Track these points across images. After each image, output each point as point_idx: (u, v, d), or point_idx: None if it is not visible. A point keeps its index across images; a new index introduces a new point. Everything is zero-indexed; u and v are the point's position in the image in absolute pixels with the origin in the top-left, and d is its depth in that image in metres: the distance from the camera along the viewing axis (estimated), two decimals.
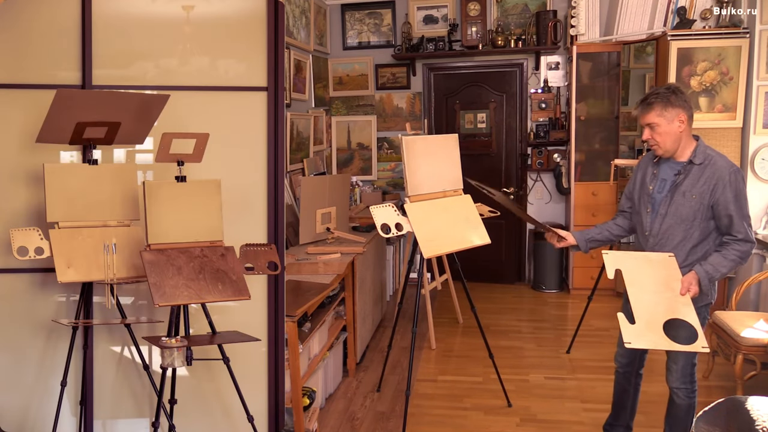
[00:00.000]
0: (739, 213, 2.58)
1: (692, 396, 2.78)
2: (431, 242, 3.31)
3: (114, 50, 2.88)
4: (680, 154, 2.66)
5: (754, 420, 2.19)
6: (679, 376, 2.76)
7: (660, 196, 2.71)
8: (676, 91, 2.61)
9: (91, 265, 2.53)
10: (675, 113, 2.59)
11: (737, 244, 2.58)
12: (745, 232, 2.58)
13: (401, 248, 6.02)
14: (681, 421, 2.82)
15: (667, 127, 2.60)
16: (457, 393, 3.86)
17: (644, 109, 2.63)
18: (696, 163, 2.62)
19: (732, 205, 2.57)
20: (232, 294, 2.52)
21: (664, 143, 2.63)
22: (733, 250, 2.58)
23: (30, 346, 2.87)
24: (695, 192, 2.61)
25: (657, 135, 2.62)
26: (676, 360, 2.75)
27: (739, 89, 4.87)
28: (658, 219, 2.71)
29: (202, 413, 2.99)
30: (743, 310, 4.17)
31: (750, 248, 2.59)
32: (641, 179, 2.82)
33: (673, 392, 2.81)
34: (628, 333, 2.55)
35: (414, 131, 3.74)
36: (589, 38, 5.61)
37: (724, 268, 2.58)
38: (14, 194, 2.80)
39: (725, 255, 2.59)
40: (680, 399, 2.78)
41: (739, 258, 2.59)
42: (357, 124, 6.41)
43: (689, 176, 2.63)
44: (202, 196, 2.60)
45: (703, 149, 2.64)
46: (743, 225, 2.58)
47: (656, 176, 2.74)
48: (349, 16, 6.30)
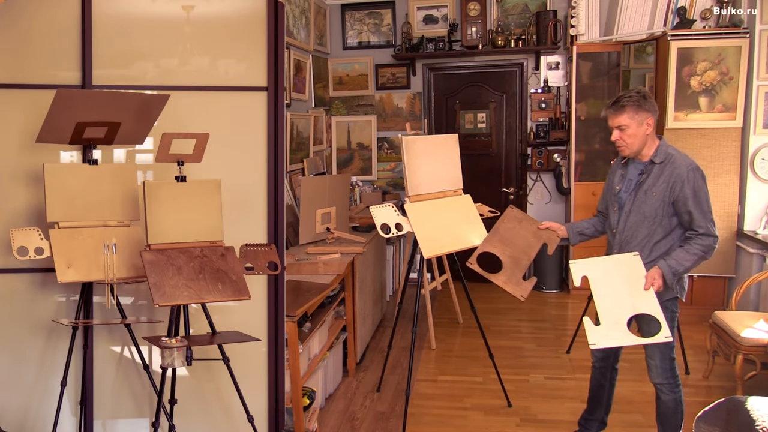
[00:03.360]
0: (699, 209, 2.67)
1: (676, 390, 2.85)
2: (431, 242, 3.31)
3: (114, 50, 2.88)
4: (645, 155, 2.78)
5: (754, 420, 2.19)
6: (659, 372, 2.83)
7: (626, 195, 2.83)
8: (646, 96, 2.73)
9: (91, 265, 2.53)
10: (644, 116, 2.70)
11: (699, 239, 2.67)
12: (706, 227, 2.67)
13: (401, 248, 6.02)
14: (671, 417, 2.90)
15: (637, 129, 2.71)
16: (457, 393, 3.86)
17: (616, 110, 2.72)
18: (656, 163, 2.74)
19: (691, 201, 2.66)
20: (232, 294, 2.52)
21: (632, 144, 2.74)
22: (696, 245, 2.67)
23: (30, 346, 2.87)
24: (656, 190, 2.71)
25: (626, 137, 2.73)
26: (652, 356, 2.84)
27: (739, 89, 4.87)
28: (623, 217, 2.82)
29: (202, 413, 2.99)
30: (743, 310, 4.17)
31: (713, 242, 2.67)
32: (611, 180, 2.95)
33: (657, 389, 2.89)
34: (593, 335, 2.68)
35: (414, 131, 3.75)
36: (589, 38, 5.61)
37: (688, 262, 2.67)
38: (14, 194, 2.80)
39: (688, 250, 2.68)
40: (665, 395, 2.86)
41: (702, 252, 2.67)
42: (357, 124, 6.41)
43: (651, 175, 2.74)
44: (202, 196, 2.60)
45: (665, 149, 2.75)
46: (704, 220, 2.67)
47: (624, 177, 2.86)
48: (349, 16, 6.30)
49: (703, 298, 5.13)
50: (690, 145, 5.00)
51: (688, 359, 4.12)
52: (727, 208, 4.98)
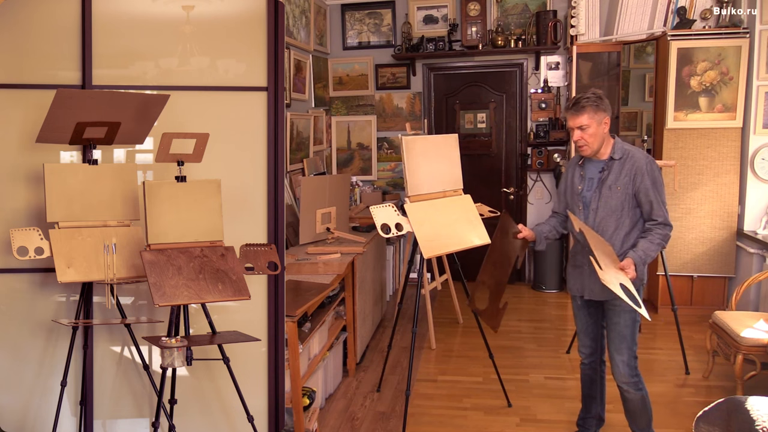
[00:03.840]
0: (658, 198, 2.81)
1: (641, 387, 2.93)
2: (431, 242, 3.31)
3: (114, 50, 2.88)
4: (602, 153, 2.88)
5: (754, 420, 2.19)
6: (626, 370, 2.89)
7: (589, 193, 2.91)
8: (602, 97, 2.84)
9: (91, 265, 2.53)
10: (602, 116, 2.81)
11: (659, 228, 2.81)
12: (664, 216, 2.82)
13: (401, 248, 6.02)
14: (640, 414, 2.97)
15: (597, 128, 2.81)
16: (457, 393, 3.86)
17: (577, 111, 2.81)
18: (616, 159, 2.85)
19: (651, 191, 2.80)
20: (232, 294, 2.52)
21: (593, 144, 2.83)
22: (657, 235, 2.80)
23: (30, 346, 2.87)
24: (619, 184, 2.83)
25: (587, 136, 2.82)
26: (620, 351, 2.90)
27: (739, 89, 4.87)
28: (591, 214, 2.90)
29: (202, 413, 2.99)
30: (743, 310, 4.17)
31: (670, 231, 2.84)
32: (570, 181, 3.01)
33: (623, 389, 2.94)
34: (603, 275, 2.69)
35: (414, 131, 3.75)
36: (589, 38, 5.61)
37: (652, 252, 2.80)
38: (14, 194, 2.80)
39: (651, 240, 2.80)
40: (631, 394, 2.93)
41: (662, 241, 2.82)
42: (357, 124, 6.41)
43: (612, 171, 2.85)
44: (202, 196, 2.60)
45: (621, 146, 2.88)
46: (662, 209, 2.82)
47: (584, 177, 2.94)
48: (349, 16, 6.30)
49: (703, 298, 5.14)
50: (690, 145, 5.00)
51: (688, 359, 4.12)
52: (727, 208, 4.99)
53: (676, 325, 4.20)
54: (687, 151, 5.01)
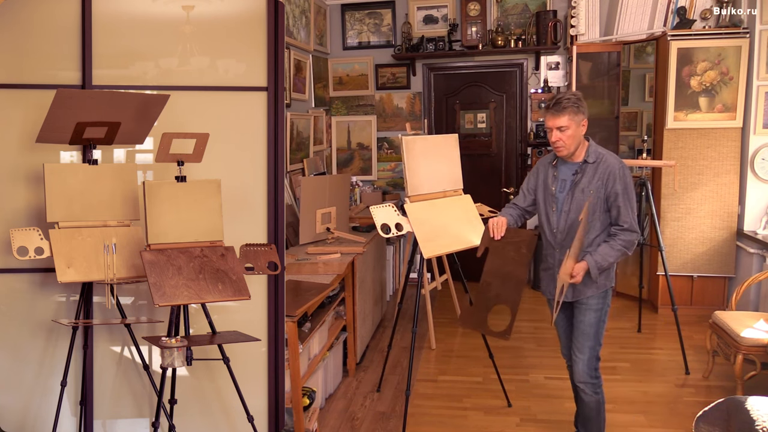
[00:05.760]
0: (627, 204, 2.79)
1: (599, 392, 2.91)
2: (431, 242, 3.31)
3: (114, 50, 2.88)
4: (577, 155, 2.86)
5: (754, 420, 2.19)
6: (586, 370, 2.88)
7: (562, 195, 2.89)
8: (581, 99, 2.83)
9: (91, 265, 2.53)
10: (581, 118, 2.80)
11: (623, 234, 2.78)
12: (631, 222, 2.79)
13: (401, 248, 6.02)
14: (594, 420, 2.95)
15: (576, 130, 2.79)
16: (457, 393, 3.86)
17: (558, 112, 2.78)
18: (590, 162, 2.83)
19: (621, 196, 2.77)
20: (232, 294, 2.52)
21: (570, 145, 2.81)
22: (620, 240, 2.78)
23: (30, 346, 2.87)
24: (592, 187, 2.81)
25: (566, 137, 2.79)
26: (582, 350, 2.89)
27: (739, 89, 4.87)
28: (563, 216, 2.88)
29: (202, 413, 2.99)
30: (743, 310, 4.17)
31: (635, 237, 2.80)
32: (543, 181, 2.99)
33: (580, 389, 2.93)
34: None
35: (414, 131, 3.75)
36: (589, 38, 5.61)
37: (611, 257, 2.78)
38: (14, 194, 2.80)
39: (612, 246, 2.79)
40: (587, 395, 2.91)
41: (624, 248, 2.79)
42: (357, 124, 6.41)
43: (585, 174, 2.83)
44: (202, 196, 2.60)
45: (595, 149, 2.86)
46: (629, 215, 2.79)
47: (557, 178, 2.92)
48: (349, 16, 6.30)
49: (703, 298, 5.14)
50: (690, 145, 5.00)
51: (688, 359, 4.12)
52: (727, 208, 4.98)
53: (676, 325, 4.20)
54: (687, 151, 5.01)
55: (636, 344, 4.55)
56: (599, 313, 2.87)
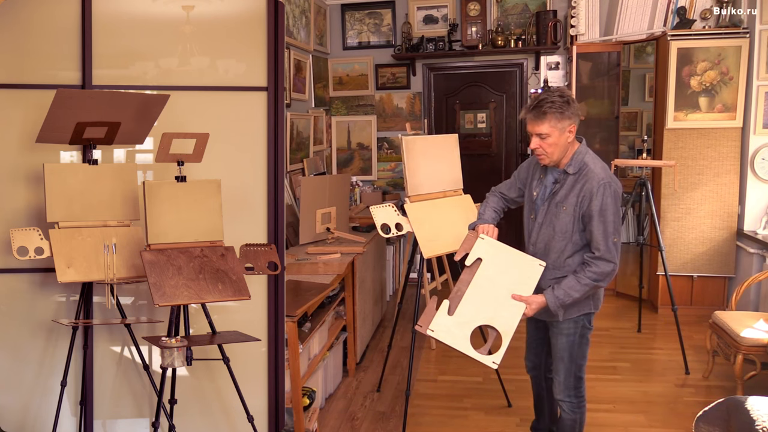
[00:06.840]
0: (601, 228, 2.43)
1: (577, 411, 2.69)
2: (431, 242, 3.31)
3: (114, 50, 2.88)
4: (562, 162, 2.56)
5: (754, 420, 2.18)
6: (562, 388, 2.67)
7: (540, 203, 2.62)
8: (569, 101, 2.48)
9: (91, 265, 2.53)
10: (567, 124, 2.47)
11: (595, 264, 2.44)
12: (605, 250, 2.43)
13: (401, 248, 6.02)
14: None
15: (559, 138, 2.47)
16: (457, 393, 3.86)
17: (537, 117, 2.46)
18: (570, 173, 2.51)
19: (596, 218, 2.43)
20: (232, 294, 2.52)
21: (553, 154, 2.51)
22: (590, 272, 2.45)
23: (30, 346, 2.87)
24: (567, 204, 2.50)
25: (547, 146, 2.49)
26: (557, 371, 2.68)
27: (739, 89, 4.87)
28: (536, 228, 2.63)
29: (202, 413, 2.99)
30: (743, 310, 4.17)
31: (610, 269, 2.44)
32: (530, 181, 2.73)
33: (558, 404, 2.73)
34: (438, 320, 2.52)
35: (414, 131, 3.75)
36: (589, 38, 5.61)
37: (577, 293, 2.46)
38: (14, 194, 2.80)
39: (579, 279, 2.46)
40: (565, 413, 2.70)
41: (593, 282, 2.45)
42: (357, 124, 6.41)
43: (564, 186, 2.52)
44: (202, 196, 2.60)
45: (581, 157, 2.52)
46: (605, 242, 2.43)
47: (542, 181, 2.65)
48: (349, 16, 6.30)
49: (703, 298, 5.14)
50: (690, 145, 5.00)
51: (688, 359, 4.12)
52: (727, 208, 4.99)
53: (676, 325, 4.20)
54: (687, 151, 5.01)
55: (636, 344, 4.55)
56: (573, 338, 2.60)
